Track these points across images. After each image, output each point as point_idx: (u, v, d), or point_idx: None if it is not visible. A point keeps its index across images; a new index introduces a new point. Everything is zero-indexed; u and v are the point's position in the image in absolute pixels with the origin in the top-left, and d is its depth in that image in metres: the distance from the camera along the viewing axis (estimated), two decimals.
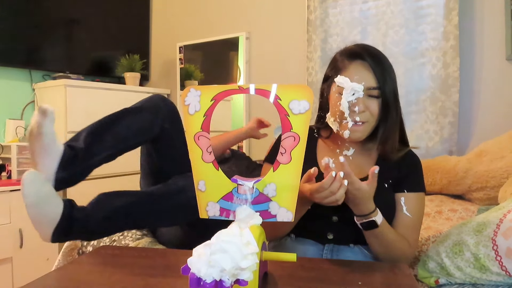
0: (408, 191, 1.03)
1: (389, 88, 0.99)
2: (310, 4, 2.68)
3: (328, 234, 1.04)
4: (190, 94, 0.78)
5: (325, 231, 1.04)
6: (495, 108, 2.16)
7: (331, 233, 1.04)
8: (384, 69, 0.99)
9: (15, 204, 2.27)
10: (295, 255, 0.74)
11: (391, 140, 1.02)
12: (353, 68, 0.99)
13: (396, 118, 1.02)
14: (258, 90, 0.75)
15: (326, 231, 1.04)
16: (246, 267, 0.61)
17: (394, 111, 1.01)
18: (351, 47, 1.04)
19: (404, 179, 1.04)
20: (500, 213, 1.00)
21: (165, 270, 0.84)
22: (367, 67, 0.98)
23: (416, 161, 1.09)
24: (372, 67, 0.98)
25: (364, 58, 0.99)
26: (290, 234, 1.10)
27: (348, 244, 1.04)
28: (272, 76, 2.87)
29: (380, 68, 0.98)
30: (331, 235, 1.04)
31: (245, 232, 0.66)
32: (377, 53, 1.02)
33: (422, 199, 1.05)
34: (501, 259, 0.91)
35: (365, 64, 0.98)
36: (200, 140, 0.78)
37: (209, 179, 0.78)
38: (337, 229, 1.03)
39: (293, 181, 0.75)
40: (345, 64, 1.01)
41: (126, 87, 3.02)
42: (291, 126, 0.74)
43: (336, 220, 1.03)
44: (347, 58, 1.01)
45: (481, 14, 2.18)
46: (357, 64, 0.99)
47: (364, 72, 0.98)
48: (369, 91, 0.98)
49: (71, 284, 0.78)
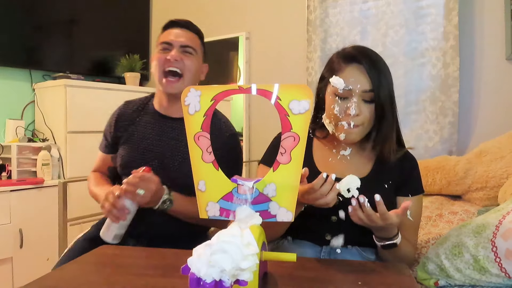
0: (412, 195, 1.04)
1: (384, 92, 0.99)
2: (310, 4, 2.69)
3: (327, 235, 1.04)
4: (190, 94, 0.78)
5: (324, 232, 1.04)
6: (495, 108, 2.16)
7: (329, 234, 1.04)
8: (380, 72, 0.99)
9: (15, 204, 2.27)
10: (295, 255, 0.74)
11: (388, 143, 1.03)
12: (348, 70, 1.00)
13: (392, 120, 1.02)
14: (260, 90, 0.75)
15: (324, 232, 1.04)
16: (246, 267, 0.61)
17: (390, 114, 1.01)
18: (348, 49, 1.05)
19: (406, 183, 1.05)
20: (499, 215, 1.00)
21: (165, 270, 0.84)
22: (363, 70, 0.98)
23: (416, 164, 1.09)
24: (368, 70, 0.98)
25: (360, 61, 0.99)
26: (287, 237, 1.09)
27: (346, 245, 1.04)
28: (272, 76, 2.87)
29: (376, 71, 0.99)
30: (329, 235, 1.03)
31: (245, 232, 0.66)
32: (373, 56, 1.02)
33: (422, 200, 1.07)
34: (501, 261, 0.91)
35: (360, 67, 0.99)
36: (200, 140, 0.78)
37: (209, 179, 0.78)
38: (335, 230, 1.03)
39: (293, 181, 0.75)
40: (341, 66, 1.01)
41: (126, 87, 3.02)
42: (291, 126, 0.74)
43: (335, 220, 1.02)
44: (343, 60, 1.02)
45: (481, 14, 2.18)
46: (353, 67, 1.00)
47: (359, 75, 0.98)
48: (363, 94, 0.98)
49: (71, 284, 0.78)
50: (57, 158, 2.56)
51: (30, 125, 2.80)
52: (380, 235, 0.93)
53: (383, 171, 1.05)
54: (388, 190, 1.04)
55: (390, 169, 1.05)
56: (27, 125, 2.77)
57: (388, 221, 0.85)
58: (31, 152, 2.54)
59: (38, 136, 2.73)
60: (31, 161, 2.54)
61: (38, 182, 2.40)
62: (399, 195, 1.05)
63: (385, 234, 0.92)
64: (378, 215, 0.84)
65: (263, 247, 0.74)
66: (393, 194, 1.05)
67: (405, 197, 1.04)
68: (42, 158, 2.48)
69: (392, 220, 0.85)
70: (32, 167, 2.54)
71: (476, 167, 1.84)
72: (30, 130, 2.78)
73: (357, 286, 0.76)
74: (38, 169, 2.50)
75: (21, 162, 2.51)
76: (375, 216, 0.85)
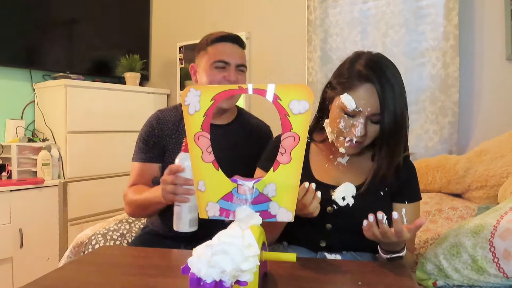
0: (409, 202, 1.03)
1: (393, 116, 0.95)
2: (310, 4, 2.68)
3: (321, 241, 1.03)
4: (190, 94, 0.78)
5: (318, 239, 1.03)
6: (495, 108, 2.16)
7: (323, 240, 1.03)
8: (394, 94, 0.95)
9: (15, 204, 2.27)
10: (295, 255, 0.74)
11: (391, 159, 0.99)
12: (361, 91, 0.96)
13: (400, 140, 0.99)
14: (256, 90, 0.75)
15: (319, 239, 1.03)
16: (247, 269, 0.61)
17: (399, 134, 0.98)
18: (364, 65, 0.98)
19: (403, 189, 1.04)
20: (497, 215, 1.01)
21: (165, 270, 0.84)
22: (375, 92, 0.95)
23: (414, 173, 1.08)
24: (380, 94, 0.94)
25: (374, 83, 0.95)
26: (283, 242, 1.08)
27: (341, 251, 1.03)
28: (272, 76, 2.87)
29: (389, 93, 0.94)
30: (323, 242, 1.03)
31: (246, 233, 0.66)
32: (389, 75, 0.96)
33: (419, 207, 1.07)
34: (499, 261, 0.91)
35: (374, 89, 0.95)
36: (200, 140, 0.78)
37: (209, 179, 0.79)
38: (330, 236, 1.02)
39: (293, 181, 0.75)
40: (354, 84, 0.97)
41: (126, 87, 3.02)
42: (291, 126, 0.74)
43: (329, 228, 1.02)
44: (357, 78, 0.97)
45: (481, 14, 2.18)
46: (366, 87, 0.95)
47: (370, 97, 0.95)
48: (372, 116, 0.96)
49: (71, 284, 0.78)
50: (57, 158, 2.56)
51: (30, 125, 2.80)
52: (388, 249, 0.92)
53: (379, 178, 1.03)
54: (384, 197, 1.03)
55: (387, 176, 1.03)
56: (27, 125, 2.77)
57: (402, 238, 0.84)
58: (31, 152, 2.54)
59: (38, 136, 2.73)
60: (31, 161, 2.54)
61: (38, 182, 2.40)
62: (395, 201, 1.04)
63: (393, 248, 0.91)
64: (393, 232, 0.83)
65: (263, 247, 0.74)
66: (389, 201, 1.04)
67: (401, 204, 1.03)
68: (42, 158, 2.48)
69: (405, 237, 0.84)
70: (32, 167, 2.54)
71: (476, 166, 1.84)
72: (30, 130, 2.79)
73: (357, 286, 0.76)
74: (38, 169, 2.50)
75: (21, 162, 2.51)
76: (390, 233, 0.83)
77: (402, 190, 1.04)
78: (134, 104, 2.94)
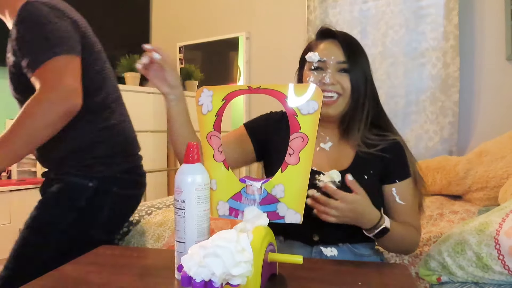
0: (400, 181, 1.02)
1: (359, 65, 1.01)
2: (310, 4, 2.69)
3: (314, 235, 1.00)
4: (203, 94, 0.79)
5: (311, 233, 1.00)
6: (495, 108, 2.17)
7: (316, 234, 1.00)
8: (354, 45, 1.02)
9: (15, 204, 2.26)
10: (301, 257, 0.73)
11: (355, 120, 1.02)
12: (323, 45, 1.02)
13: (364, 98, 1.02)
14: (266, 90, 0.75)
15: (311, 233, 1.00)
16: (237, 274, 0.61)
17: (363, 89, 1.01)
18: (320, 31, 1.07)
19: (391, 169, 1.02)
20: (502, 213, 1.01)
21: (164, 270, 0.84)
22: (337, 44, 1.01)
23: (399, 148, 1.05)
24: (342, 43, 1.01)
25: (335, 36, 1.02)
26: (279, 237, 1.06)
27: (337, 243, 1.01)
28: (272, 76, 2.88)
29: (350, 45, 1.01)
30: (316, 236, 1.00)
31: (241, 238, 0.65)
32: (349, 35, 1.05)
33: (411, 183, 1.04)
34: (504, 258, 0.91)
35: (335, 41, 1.02)
36: (212, 139, 0.78)
37: (220, 178, 0.79)
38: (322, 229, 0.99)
39: (302, 182, 0.75)
40: (316, 43, 1.04)
41: (126, 87, 3.01)
42: (300, 126, 0.74)
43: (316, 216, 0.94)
44: (318, 37, 1.05)
45: (481, 14, 2.19)
46: (327, 41, 1.03)
47: (333, 48, 1.01)
48: (338, 65, 1.00)
49: (71, 284, 0.77)
50: None
51: None
52: (366, 227, 0.91)
53: (364, 163, 1.02)
54: (370, 181, 1.00)
55: (371, 159, 1.02)
56: None
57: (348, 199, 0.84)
58: None
59: None
60: (31, 161, 2.53)
61: (38, 182, 2.39)
62: (385, 183, 1.02)
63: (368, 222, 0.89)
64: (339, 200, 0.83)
65: (270, 248, 0.73)
66: (377, 184, 1.02)
67: (392, 184, 1.01)
68: None
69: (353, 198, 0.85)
70: (32, 167, 2.53)
71: (477, 167, 1.85)
72: None
73: (357, 286, 0.76)
74: (38, 169, 2.49)
75: (21, 162, 2.50)
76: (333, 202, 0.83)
77: (390, 170, 1.02)
78: (134, 104, 2.92)
